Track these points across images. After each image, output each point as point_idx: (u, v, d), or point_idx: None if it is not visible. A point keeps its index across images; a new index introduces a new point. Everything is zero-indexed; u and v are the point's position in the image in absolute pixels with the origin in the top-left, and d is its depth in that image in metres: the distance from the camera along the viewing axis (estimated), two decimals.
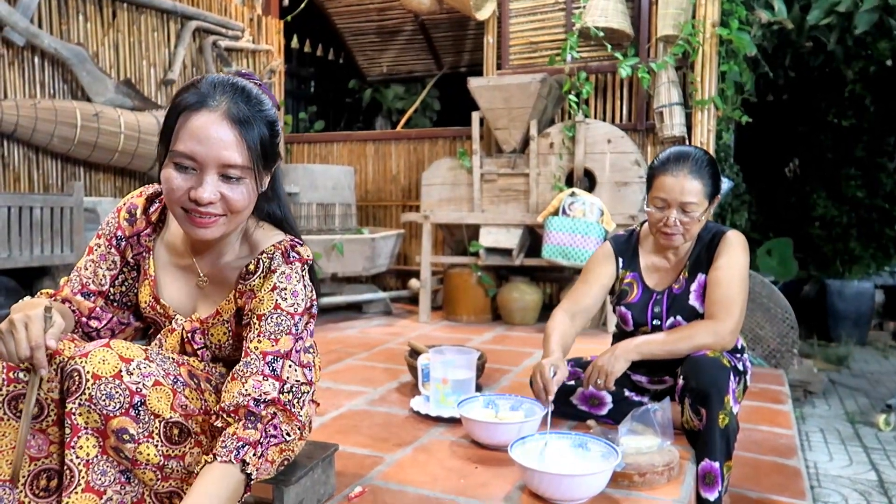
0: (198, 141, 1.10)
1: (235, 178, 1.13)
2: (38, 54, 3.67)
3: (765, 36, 4.30)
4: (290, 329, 1.19)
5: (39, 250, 3.00)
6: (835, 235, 5.54)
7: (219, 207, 1.14)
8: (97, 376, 1.05)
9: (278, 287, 1.20)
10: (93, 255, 1.32)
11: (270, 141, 1.19)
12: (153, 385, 1.10)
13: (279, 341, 1.18)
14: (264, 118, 1.17)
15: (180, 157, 1.11)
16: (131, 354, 1.11)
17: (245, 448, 1.09)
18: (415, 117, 6.60)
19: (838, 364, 4.50)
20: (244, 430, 1.11)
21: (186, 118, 1.12)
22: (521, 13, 4.49)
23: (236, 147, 1.12)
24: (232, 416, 1.13)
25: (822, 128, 5.83)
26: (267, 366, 1.16)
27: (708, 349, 1.77)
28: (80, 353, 1.08)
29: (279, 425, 1.16)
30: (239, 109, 1.13)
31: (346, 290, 4.27)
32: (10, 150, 3.58)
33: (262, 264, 1.23)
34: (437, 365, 2.12)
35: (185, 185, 1.12)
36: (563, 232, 3.61)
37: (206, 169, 1.11)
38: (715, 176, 1.86)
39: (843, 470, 2.73)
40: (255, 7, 5.06)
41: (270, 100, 1.23)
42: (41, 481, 1.11)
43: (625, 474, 1.57)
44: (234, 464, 1.08)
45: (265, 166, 1.20)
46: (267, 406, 1.14)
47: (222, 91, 1.14)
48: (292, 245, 1.26)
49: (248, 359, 1.16)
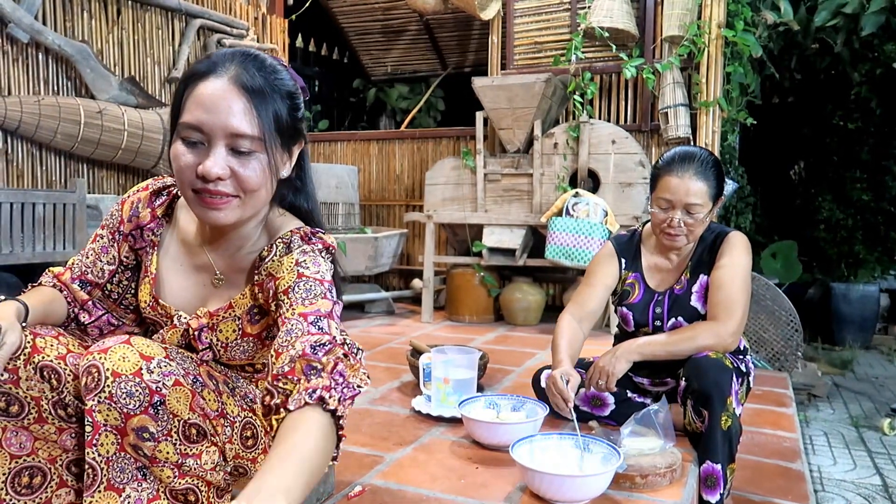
0: (204, 109, 1.02)
1: (247, 152, 1.04)
2: (42, 51, 3.67)
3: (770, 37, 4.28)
4: (325, 293, 1.08)
5: (41, 247, 3.00)
6: (840, 238, 5.51)
7: (229, 186, 1.05)
8: (117, 374, 1.01)
9: (299, 261, 1.11)
10: (95, 244, 1.27)
11: (290, 115, 1.10)
12: (173, 385, 1.05)
13: (315, 303, 1.05)
14: (281, 89, 1.08)
15: (187, 129, 1.03)
16: (152, 352, 1.05)
17: (318, 391, 0.92)
18: (419, 117, 6.59)
19: (843, 368, 4.48)
20: (308, 382, 0.94)
21: (194, 87, 1.04)
22: (525, 13, 4.48)
23: (246, 115, 1.03)
24: (288, 379, 0.96)
25: (828, 130, 5.80)
26: (311, 325, 1.02)
27: (710, 350, 1.76)
28: (100, 349, 1.03)
29: (345, 373, 0.97)
30: (250, 76, 1.04)
31: (348, 289, 4.26)
32: (13, 146, 3.58)
33: (276, 248, 1.14)
34: (438, 364, 2.11)
35: (193, 160, 1.04)
36: (567, 232, 3.60)
37: (213, 140, 1.03)
38: (719, 177, 1.85)
39: (847, 474, 2.71)
40: (259, 6, 5.06)
41: (294, 80, 1.14)
42: (23, 479, 1.09)
43: (626, 476, 1.56)
44: (312, 404, 0.91)
45: (283, 144, 1.10)
46: (326, 353, 0.98)
47: (232, 58, 1.06)
48: (313, 231, 1.18)
49: (287, 326, 1.02)
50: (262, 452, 1.25)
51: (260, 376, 1.31)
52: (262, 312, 1.20)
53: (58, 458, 1.12)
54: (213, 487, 1.12)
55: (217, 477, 1.12)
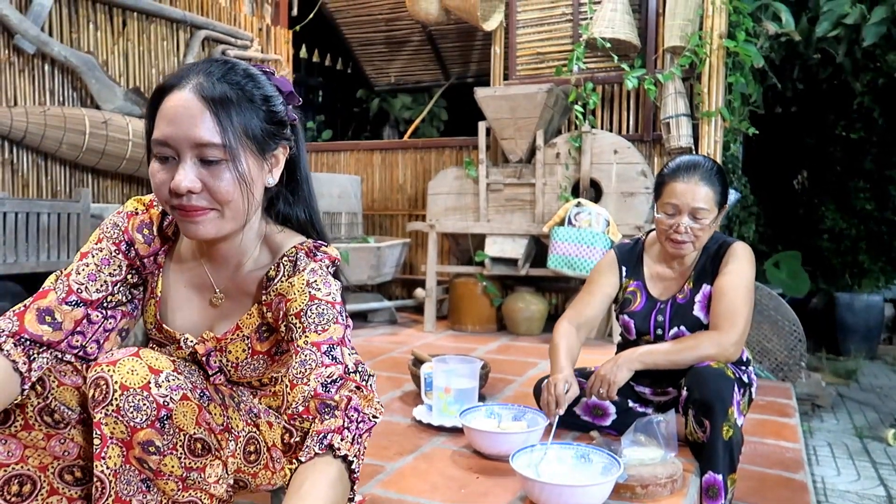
0: (168, 122, 1.01)
1: (216, 161, 1.01)
2: (48, 62, 3.70)
3: (772, 48, 4.29)
4: (336, 318, 1.08)
5: (46, 256, 3.01)
6: (843, 248, 5.50)
7: (203, 198, 1.02)
8: (125, 387, 1.00)
9: (310, 282, 1.10)
10: (91, 259, 1.16)
11: (265, 120, 1.07)
12: (181, 399, 1.04)
13: (328, 330, 1.06)
14: (251, 94, 1.05)
15: (157, 145, 1.02)
16: (160, 366, 1.04)
17: (329, 436, 0.93)
18: (422, 127, 6.61)
19: (847, 378, 4.46)
20: (322, 423, 0.95)
21: (161, 102, 1.03)
22: (528, 24, 4.50)
23: (209, 123, 1.00)
24: (304, 418, 0.98)
25: (831, 140, 5.80)
26: (324, 355, 1.03)
27: (712, 360, 1.76)
28: (108, 361, 1.02)
29: (360, 408, 0.98)
30: (212, 84, 1.02)
31: (351, 298, 4.26)
32: (19, 156, 3.61)
33: (283, 267, 1.13)
34: (439, 374, 2.11)
35: (166, 177, 1.02)
36: (569, 242, 3.60)
37: (182, 153, 1.01)
38: (724, 184, 1.86)
39: (851, 485, 2.69)
40: (264, 17, 5.10)
41: (277, 84, 1.11)
42: (12, 486, 1.07)
43: (627, 486, 1.56)
44: (321, 453, 0.92)
45: (258, 150, 1.06)
46: (338, 388, 0.99)
47: (197, 68, 1.04)
48: (317, 245, 1.16)
49: (300, 357, 1.03)
50: (263, 467, 1.25)
51: (264, 392, 1.31)
52: (270, 330, 1.19)
53: (49, 465, 1.11)
54: (216, 500, 1.12)
55: (220, 490, 1.12)
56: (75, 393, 1.11)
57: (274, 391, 1.32)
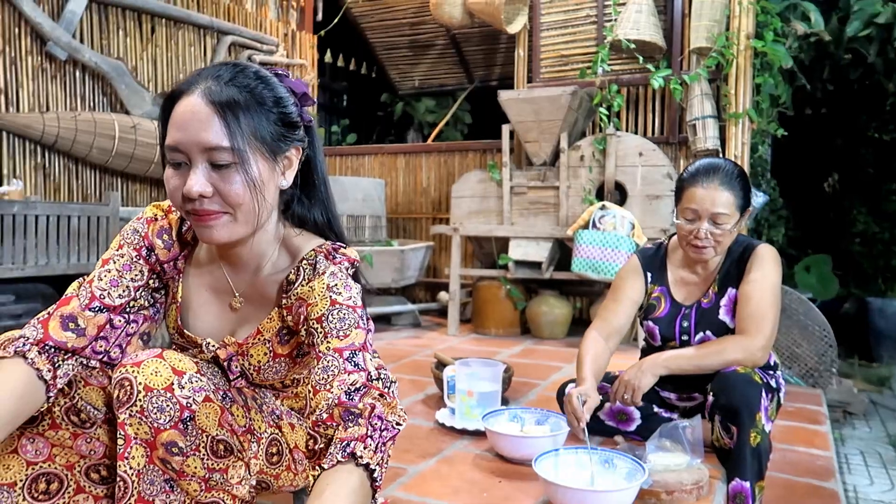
0: (178, 128, 1.01)
1: (226, 165, 1.01)
2: (79, 68, 3.78)
3: (801, 48, 4.22)
4: (358, 322, 1.08)
5: (76, 258, 3.07)
6: (876, 252, 5.38)
7: (215, 202, 1.03)
8: (149, 388, 1.01)
9: (330, 285, 1.10)
10: (112, 265, 1.17)
11: (277, 122, 1.07)
12: (203, 401, 1.05)
13: (349, 335, 1.06)
14: (262, 96, 1.06)
15: (170, 152, 1.03)
16: (184, 367, 1.05)
17: (352, 444, 0.94)
18: (446, 130, 6.62)
19: (880, 385, 4.35)
20: (345, 431, 0.96)
21: (171, 109, 1.04)
22: (552, 26, 4.49)
23: (217, 126, 1.00)
24: (328, 425, 0.98)
25: (863, 142, 5.69)
26: (347, 362, 1.03)
27: (738, 365, 1.73)
28: (133, 362, 1.04)
29: (383, 415, 0.99)
30: (221, 87, 1.02)
31: (375, 301, 4.28)
32: (51, 160, 3.69)
33: (302, 271, 1.13)
34: (462, 377, 2.10)
35: (179, 182, 1.03)
36: (594, 245, 3.57)
37: (193, 158, 1.02)
38: (746, 188, 1.83)
39: (885, 494, 2.63)
40: (289, 22, 5.15)
41: (290, 85, 1.12)
42: (40, 485, 1.09)
43: (651, 492, 1.54)
44: (344, 461, 0.93)
45: (270, 152, 1.06)
46: (362, 396, 0.99)
47: (207, 73, 1.05)
48: (335, 248, 1.16)
49: (323, 363, 1.03)
50: (285, 469, 1.25)
51: (286, 394, 1.32)
52: (291, 332, 1.20)
53: (75, 464, 1.12)
54: (239, 501, 1.13)
55: (242, 491, 1.12)
56: (101, 393, 1.13)
57: (296, 393, 1.32)
